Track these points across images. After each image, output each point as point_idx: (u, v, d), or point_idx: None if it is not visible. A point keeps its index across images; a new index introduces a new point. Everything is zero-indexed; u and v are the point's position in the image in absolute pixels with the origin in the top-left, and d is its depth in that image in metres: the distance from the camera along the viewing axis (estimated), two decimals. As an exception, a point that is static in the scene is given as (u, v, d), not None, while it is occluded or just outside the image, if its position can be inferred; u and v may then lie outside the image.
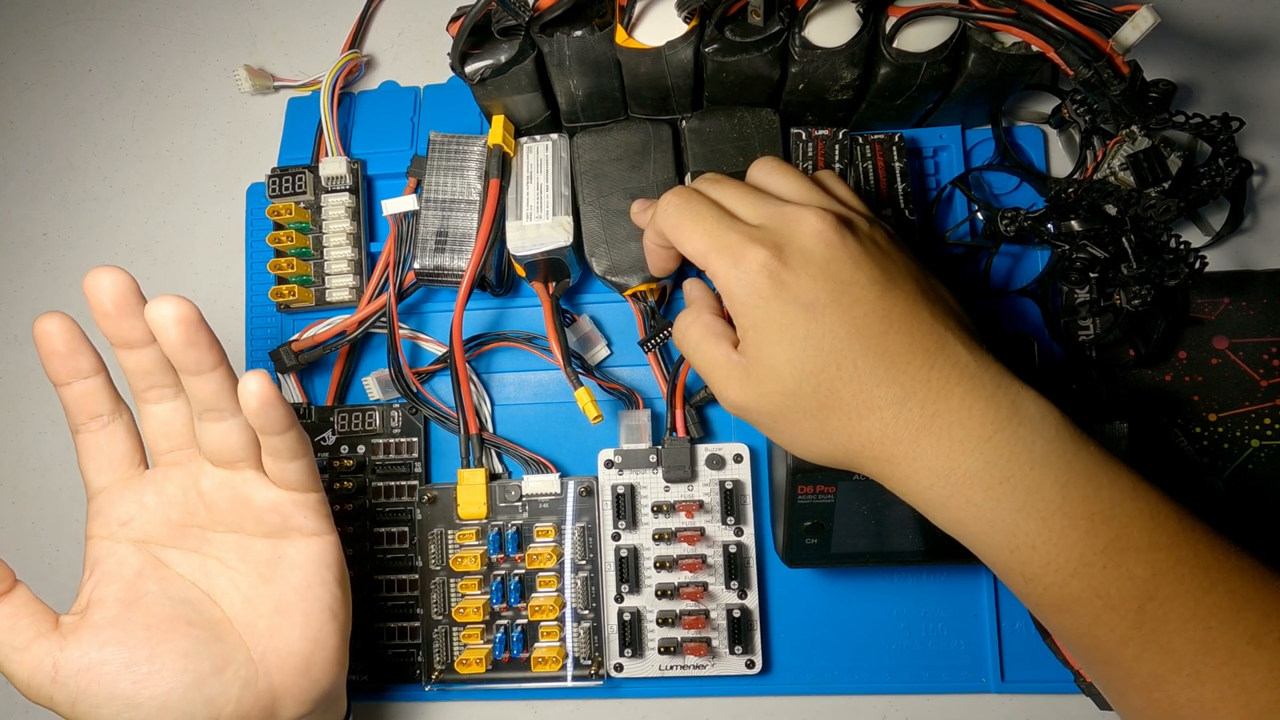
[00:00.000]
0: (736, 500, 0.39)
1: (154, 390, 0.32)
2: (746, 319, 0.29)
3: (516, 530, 0.40)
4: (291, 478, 0.33)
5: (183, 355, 0.30)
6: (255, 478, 0.33)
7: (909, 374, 0.27)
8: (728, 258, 0.29)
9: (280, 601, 0.33)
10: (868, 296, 0.28)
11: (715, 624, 0.39)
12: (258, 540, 0.33)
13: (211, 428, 0.32)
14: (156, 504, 0.32)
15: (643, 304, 0.40)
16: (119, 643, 0.30)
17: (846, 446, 0.29)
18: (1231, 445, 0.39)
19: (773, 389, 0.29)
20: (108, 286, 0.30)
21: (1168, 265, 0.36)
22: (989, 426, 0.27)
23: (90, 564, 0.32)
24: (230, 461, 0.32)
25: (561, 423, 0.43)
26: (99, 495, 0.32)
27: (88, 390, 0.31)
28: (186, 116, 0.50)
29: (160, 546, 0.32)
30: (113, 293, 0.30)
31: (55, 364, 0.31)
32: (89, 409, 0.32)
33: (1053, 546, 0.26)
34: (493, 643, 0.40)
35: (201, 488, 0.33)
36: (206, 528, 0.33)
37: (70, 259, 0.49)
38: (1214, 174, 0.38)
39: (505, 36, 0.37)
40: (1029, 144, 0.43)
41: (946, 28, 0.36)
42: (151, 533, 0.32)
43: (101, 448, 0.32)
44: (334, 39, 0.49)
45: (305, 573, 0.33)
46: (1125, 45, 0.34)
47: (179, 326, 0.29)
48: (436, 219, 0.41)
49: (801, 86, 0.38)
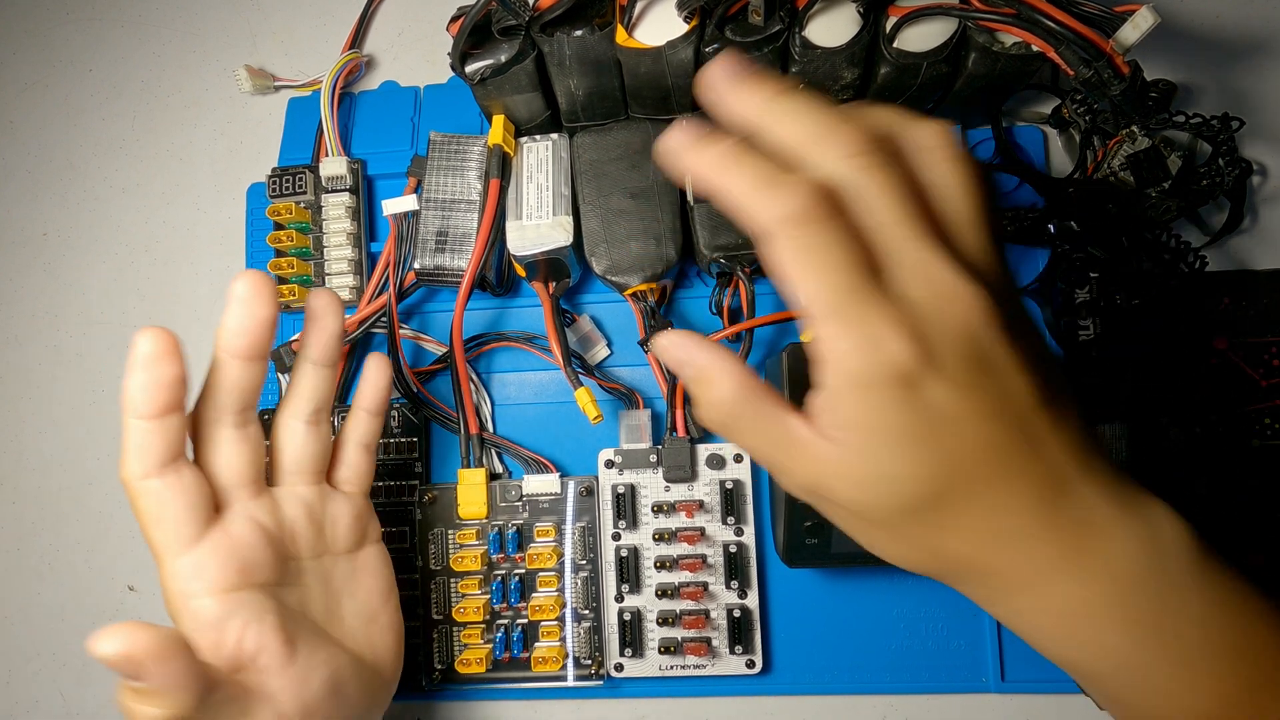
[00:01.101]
0: (737, 500, 0.39)
1: (248, 411, 0.29)
2: (856, 413, 0.22)
3: (517, 530, 0.40)
4: (369, 472, 0.35)
5: (337, 342, 0.32)
6: (333, 492, 0.34)
7: (1048, 503, 0.23)
8: (854, 333, 0.22)
9: (368, 610, 0.34)
10: (1017, 411, 0.23)
11: (715, 624, 0.39)
12: (340, 559, 0.33)
13: (318, 431, 0.32)
14: (264, 544, 0.30)
15: (643, 304, 0.40)
16: (317, 679, 0.30)
17: (954, 569, 0.25)
18: (1231, 445, 0.39)
19: (874, 498, 0.23)
20: (267, 288, 0.28)
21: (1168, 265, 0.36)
22: (1127, 561, 0.23)
23: (212, 623, 0.28)
24: (320, 472, 0.33)
25: (561, 423, 0.43)
26: (195, 548, 0.28)
27: (183, 424, 0.28)
28: (186, 116, 0.50)
29: (275, 587, 0.30)
30: (273, 294, 0.28)
31: (165, 391, 0.27)
32: (180, 446, 0.28)
33: (1194, 691, 0.23)
34: (493, 642, 0.40)
35: (288, 516, 0.31)
36: (299, 558, 0.32)
37: (70, 259, 0.49)
38: (1214, 174, 0.38)
39: (505, 36, 0.37)
40: (1029, 144, 0.43)
41: (947, 28, 0.36)
42: (268, 575, 0.30)
43: (191, 493, 0.28)
44: (334, 39, 0.49)
45: (380, 577, 0.35)
46: (1125, 45, 0.34)
47: (337, 312, 0.32)
48: (436, 219, 0.41)
49: (802, 86, 0.38)
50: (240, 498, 0.30)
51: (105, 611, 0.46)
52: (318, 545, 0.32)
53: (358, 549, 0.34)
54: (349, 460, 0.34)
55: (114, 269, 0.49)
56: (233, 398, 0.29)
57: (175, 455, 0.28)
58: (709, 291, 0.41)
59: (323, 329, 0.32)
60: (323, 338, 0.32)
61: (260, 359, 0.29)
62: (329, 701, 0.30)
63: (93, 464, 0.47)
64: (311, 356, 0.32)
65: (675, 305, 0.43)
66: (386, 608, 0.35)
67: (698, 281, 0.43)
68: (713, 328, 0.40)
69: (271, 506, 0.31)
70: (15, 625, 0.46)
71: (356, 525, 0.34)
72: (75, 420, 0.48)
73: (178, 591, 0.28)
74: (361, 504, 0.35)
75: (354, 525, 0.34)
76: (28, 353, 0.49)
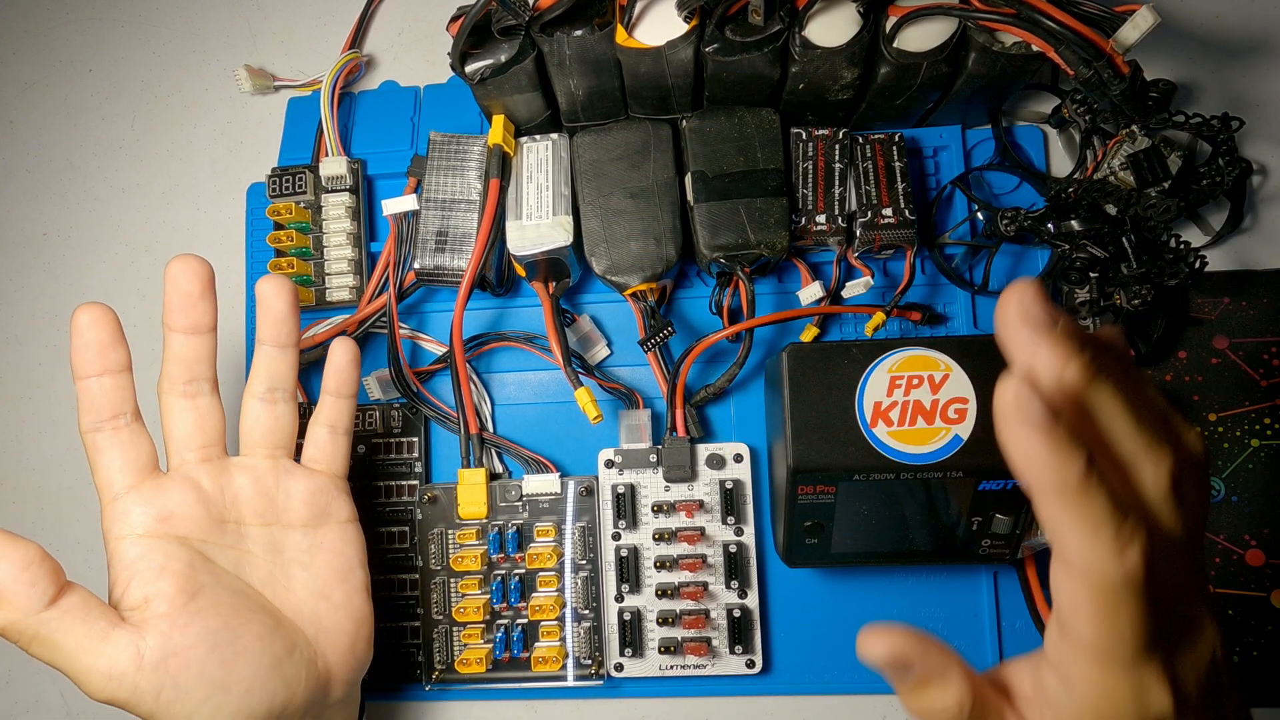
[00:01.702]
0: (737, 500, 0.39)
1: (194, 384, 0.32)
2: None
3: (517, 530, 0.40)
4: (338, 453, 0.36)
5: (287, 325, 0.34)
6: (294, 466, 0.35)
7: None
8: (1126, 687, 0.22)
9: (321, 586, 0.34)
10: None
11: (715, 624, 0.39)
12: (294, 531, 0.34)
13: (274, 409, 0.34)
14: (194, 500, 0.32)
15: (643, 304, 0.40)
16: (200, 628, 0.30)
17: None
18: (1231, 445, 0.39)
19: None
20: (196, 268, 0.32)
21: (1168, 265, 0.36)
22: None
23: (127, 563, 0.31)
24: (276, 446, 0.34)
25: (561, 422, 0.43)
26: (126, 495, 0.31)
27: (118, 385, 0.31)
28: (186, 116, 0.50)
29: (201, 543, 0.32)
30: (202, 273, 0.32)
31: (93, 355, 0.31)
32: (115, 405, 0.31)
33: None
34: (493, 642, 0.40)
35: (236, 484, 0.33)
36: (242, 523, 0.33)
37: (70, 259, 0.49)
38: (1214, 174, 0.38)
39: (505, 36, 0.37)
40: (1029, 144, 0.43)
41: (947, 27, 0.36)
42: (193, 530, 0.32)
43: (126, 446, 0.31)
44: (334, 39, 0.49)
45: (342, 557, 0.35)
46: (1125, 45, 0.34)
47: (289, 296, 0.34)
48: (436, 219, 0.41)
49: (802, 86, 0.38)
50: (186, 460, 0.33)
51: (105, 611, 0.45)
52: (267, 514, 0.34)
53: (318, 525, 0.35)
54: (315, 440, 0.36)
55: (114, 269, 0.49)
56: (177, 368, 0.32)
57: (115, 413, 0.31)
58: (709, 291, 0.41)
59: (268, 311, 0.34)
60: (269, 319, 0.34)
61: (197, 331, 0.32)
62: (206, 649, 0.30)
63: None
64: (261, 337, 0.34)
65: (675, 305, 0.43)
66: (342, 588, 0.35)
67: (698, 281, 0.43)
68: (713, 327, 0.40)
69: (218, 472, 0.33)
70: (15, 625, 0.46)
71: (314, 501, 0.35)
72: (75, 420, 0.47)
73: (106, 532, 0.31)
74: (323, 482, 0.35)
75: (310, 500, 0.35)
76: (28, 353, 0.49)
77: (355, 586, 0.35)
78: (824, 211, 0.39)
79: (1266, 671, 0.38)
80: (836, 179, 0.40)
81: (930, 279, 0.42)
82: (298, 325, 0.35)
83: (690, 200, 0.39)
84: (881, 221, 0.39)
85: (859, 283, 0.40)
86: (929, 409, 0.32)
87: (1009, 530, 0.34)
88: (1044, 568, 0.39)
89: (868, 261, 0.41)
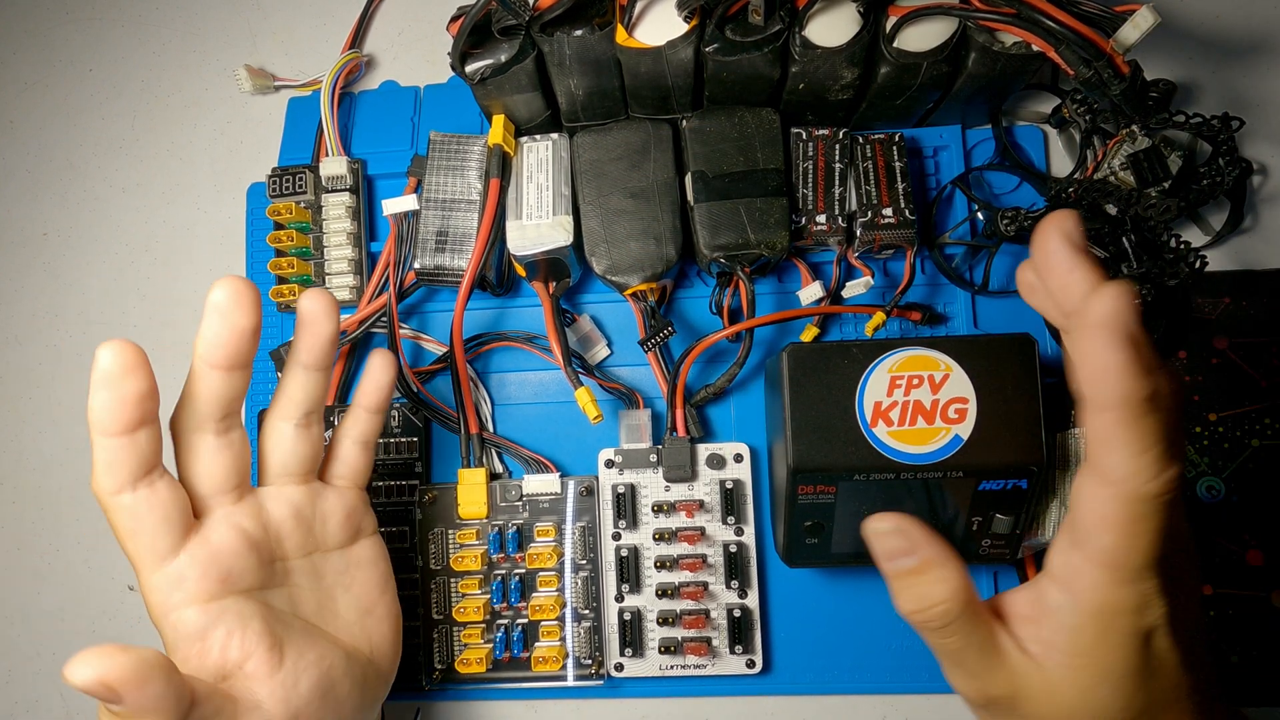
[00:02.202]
0: (737, 500, 0.39)
1: (230, 418, 0.29)
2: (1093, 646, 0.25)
3: (517, 530, 0.40)
4: (365, 468, 0.34)
5: (330, 348, 0.30)
6: (324, 488, 0.33)
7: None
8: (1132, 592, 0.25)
9: (364, 604, 0.34)
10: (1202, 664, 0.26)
11: (715, 623, 0.39)
12: (332, 555, 0.33)
13: (308, 433, 0.31)
14: (246, 550, 0.29)
15: (643, 303, 0.40)
16: (307, 683, 0.29)
17: None
18: (1231, 445, 0.39)
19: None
20: (248, 296, 0.27)
21: (1168, 265, 0.36)
22: None
23: (196, 632, 0.28)
24: (309, 472, 0.32)
25: (561, 422, 0.43)
26: (174, 558, 0.28)
27: (151, 437, 0.27)
28: (187, 116, 0.50)
29: (261, 591, 0.30)
30: (254, 302, 0.27)
31: (128, 410, 0.26)
32: (148, 461, 0.27)
33: None
34: (493, 642, 0.40)
35: (276, 519, 0.31)
36: (286, 558, 0.31)
37: (70, 259, 0.49)
38: (1214, 174, 0.38)
39: (505, 36, 0.37)
40: (1029, 144, 0.43)
41: (947, 27, 0.36)
42: (252, 581, 0.29)
43: (164, 504, 0.27)
44: (334, 39, 0.49)
45: (377, 570, 0.35)
46: (1125, 45, 0.34)
47: (331, 315, 0.30)
48: (437, 219, 0.41)
49: (802, 86, 0.38)
50: (222, 504, 0.29)
51: (105, 612, 0.46)
52: (307, 544, 0.32)
53: (351, 543, 0.34)
54: (344, 456, 0.34)
55: (114, 269, 0.49)
56: (212, 407, 0.28)
57: (148, 469, 0.27)
58: (709, 291, 0.41)
59: (314, 333, 0.30)
60: (314, 342, 0.30)
61: (241, 368, 0.28)
62: (319, 703, 0.30)
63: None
64: (302, 360, 0.31)
65: (675, 305, 0.43)
66: (383, 599, 0.35)
67: (698, 281, 0.43)
68: (713, 327, 0.40)
69: (256, 510, 0.30)
70: (15, 625, 0.46)
71: (349, 521, 0.33)
72: (75, 420, 0.48)
73: (158, 604, 0.28)
74: (354, 499, 0.34)
75: (346, 521, 0.33)
76: (28, 353, 0.49)
77: (391, 596, 0.35)
78: (824, 211, 0.39)
79: (1266, 671, 0.38)
80: (836, 179, 0.40)
81: (930, 279, 0.42)
82: (337, 345, 0.31)
83: (690, 200, 0.39)
84: (881, 221, 0.39)
85: (859, 283, 0.40)
86: (929, 409, 0.32)
87: (1009, 530, 0.34)
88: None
89: (868, 261, 0.41)
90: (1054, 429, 0.34)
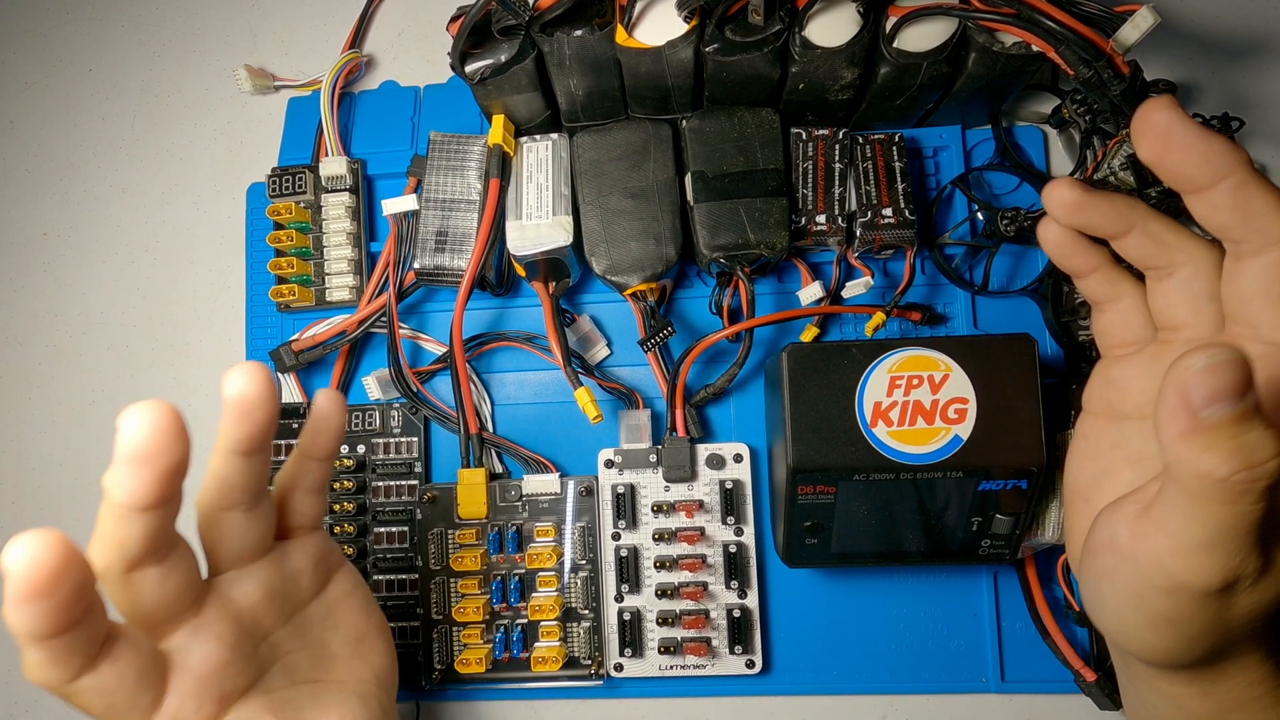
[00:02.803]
0: (736, 500, 0.39)
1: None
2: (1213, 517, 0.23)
3: (516, 530, 0.40)
4: (322, 508, 0.32)
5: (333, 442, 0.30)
6: (285, 547, 0.30)
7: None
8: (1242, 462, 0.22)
9: (355, 632, 0.33)
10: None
11: (715, 624, 0.39)
12: (310, 606, 0.31)
13: (258, 512, 0.28)
14: (228, 657, 0.27)
15: (642, 303, 0.40)
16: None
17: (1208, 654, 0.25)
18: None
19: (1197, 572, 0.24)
20: (269, 399, 0.25)
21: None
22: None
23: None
24: (267, 545, 0.29)
25: (561, 422, 0.43)
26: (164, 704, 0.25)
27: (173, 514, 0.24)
28: (186, 116, 0.50)
29: (257, 683, 0.28)
30: (274, 399, 0.25)
31: (172, 480, 0.23)
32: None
33: None
34: (493, 642, 0.40)
35: (245, 605, 0.28)
36: (270, 633, 0.29)
37: (70, 259, 0.49)
38: (1214, 174, 0.38)
39: (505, 36, 0.37)
40: (1029, 144, 0.43)
41: (947, 27, 0.36)
42: (247, 678, 0.28)
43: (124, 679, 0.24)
44: (334, 39, 0.49)
45: (356, 598, 0.33)
46: (1125, 45, 0.34)
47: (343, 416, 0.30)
48: (436, 219, 0.41)
49: (802, 86, 0.38)
50: (181, 626, 0.26)
51: (105, 611, 0.45)
52: (285, 610, 0.30)
53: (325, 585, 0.32)
54: (298, 509, 0.31)
55: (114, 269, 0.49)
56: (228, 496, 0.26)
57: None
58: (709, 291, 0.41)
59: (325, 430, 0.29)
60: (325, 438, 0.30)
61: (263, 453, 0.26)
62: None
63: (93, 464, 0.47)
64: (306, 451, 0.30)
65: (675, 305, 0.43)
66: (371, 621, 0.34)
67: (697, 281, 0.43)
68: (713, 327, 0.40)
69: (221, 613, 0.27)
70: (15, 625, 0.46)
71: (319, 568, 0.31)
72: (75, 420, 0.48)
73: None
74: (317, 543, 0.31)
75: (316, 569, 0.31)
76: (28, 353, 0.49)
77: (376, 617, 0.34)
78: (824, 211, 0.39)
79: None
80: (836, 179, 0.40)
81: (930, 279, 0.42)
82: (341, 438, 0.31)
83: (690, 200, 0.39)
84: (881, 221, 0.39)
85: (859, 283, 0.40)
86: (929, 409, 0.32)
87: (1009, 530, 0.34)
88: (1044, 568, 0.40)
89: (868, 261, 0.41)
90: (1054, 429, 0.34)
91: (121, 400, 0.27)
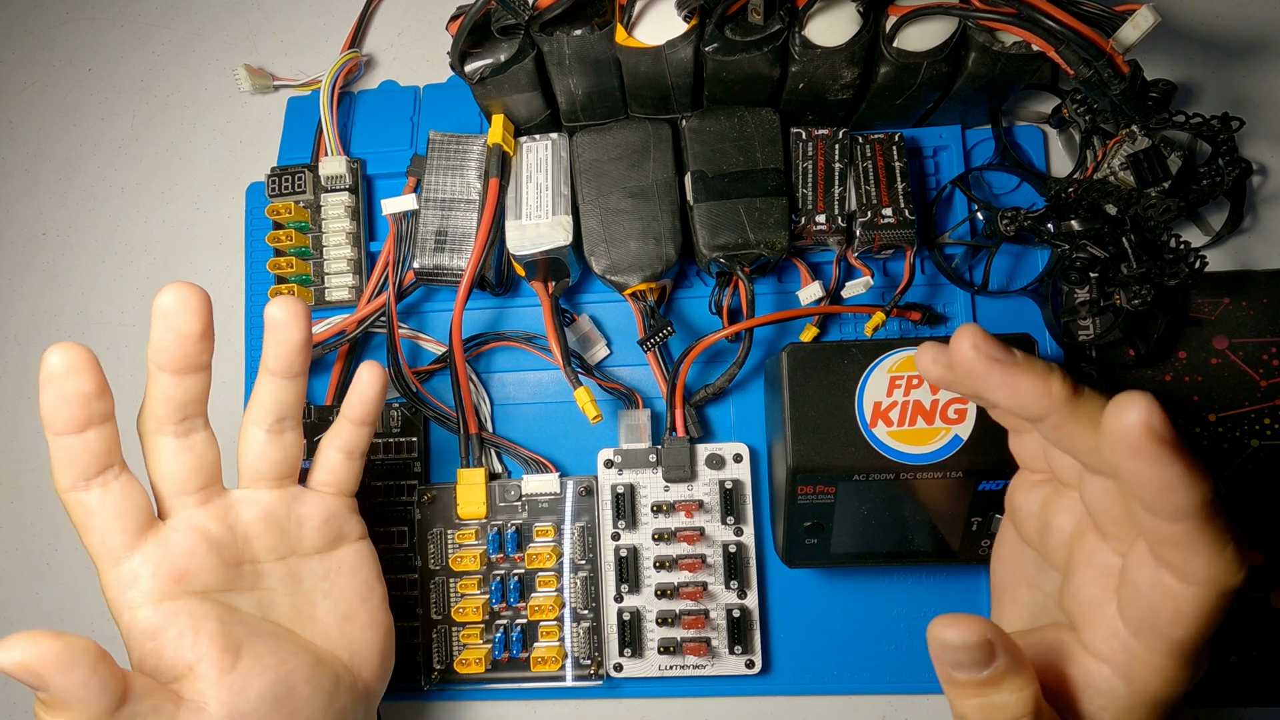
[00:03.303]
0: (736, 500, 0.39)
1: (188, 421, 0.29)
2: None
3: (516, 530, 0.40)
4: (351, 476, 0.34)
5: (301, 355, 0.31)
6: (302, 492, 0.33)
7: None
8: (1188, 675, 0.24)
9: (345, 610, 0.33)
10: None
11: (715, 624, 0.39)
12: (310, 559, 0.33)
13: (281, 439, 0.31)
14: (206, 550, 0.29)
15: (642, 303, 0.40)
16: (259, 687, 0.29)
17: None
18: (1231, 445, 0.39)
19: None
20: (196, 305, 0.28)
21: (1168, 265, 0.36)
22: None
23: (150, 632, 0.28)
24: (284, 476, 0.32)
25: (561, 422, 0.43)
26: (129, 557, 0.28)
27: (103, 436, 0.27)
28: (186, 116, 0.50)
29: (223, 593, 0.30)
30: (203, 311, 0.28)
31: (74, 409, 0.26)
32: (101, 460, 0.27)
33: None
34: (492, 643, 0.40)
35: (244, 521, 0.31)
36: (257, 561, 0.31)
37: (70, 259, 0.49)
38: (1214, 174, 0.38)
39: (505, 36, 0.37)
40: (1029, 144, 0.43)
41: (947, 27, 0.36)
42: (211, 582, 0.29)
43: (118, 503, 0.28)
44: (334, 38, 0.49)
45: (360, 576, 0.34)
46: (1125, 45, 0.34)
47: (303, 323, 0.30)
48: (436, 218, 0.41)
49: (802, 86, 0.38)
50: (185, 505, 0.29)
51: (104, 613, 0.45)
52: (281, 547, 0.32)
53: (333, 549, 0.33)
54: (327, 463, 0.34)
55: (114, 269, 0.49)
56: (167, 409, 0.28)
57: (101, 467, 0.27)
58: (709, 291, 0.41)
59: (280, 340, 0.30)
60: (280, 349, 0.30)
61: (192, 372, 0.28)
62: (269, 707, 0.29)
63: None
64: (270, 367, 0.31)
65: (675, 305, 0.43)
66: (366, 606, 0.34)
67: (697, 281, 0.43)
68: (712, 327, 0.40)
69: (223, 512, 0.30)
70: (15, 625, 0.46)
71: (328, 526, 0.33)
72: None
73: (113, 601, 0.28)
74: (336, 505, 0.34)
75: (325, 526, 0.33)
76: (28, 353, 0.49)
77: (376, 604, 0.35)
78: (824, 211, 0.39)
79: (1266, 672, 0.38)
80: (836, 179, 0.40)
81: (930, 279, 0.42)
82: (310, 351, 0.31)
83: (690, 200, 0.39)
84: (881, 221, 0.39)
85: (859, 283, 0.40)
86: (929, 409, 0.32)
87: (1009, 530, 0.34)
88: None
89: (868, 261, 0.41)
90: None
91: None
